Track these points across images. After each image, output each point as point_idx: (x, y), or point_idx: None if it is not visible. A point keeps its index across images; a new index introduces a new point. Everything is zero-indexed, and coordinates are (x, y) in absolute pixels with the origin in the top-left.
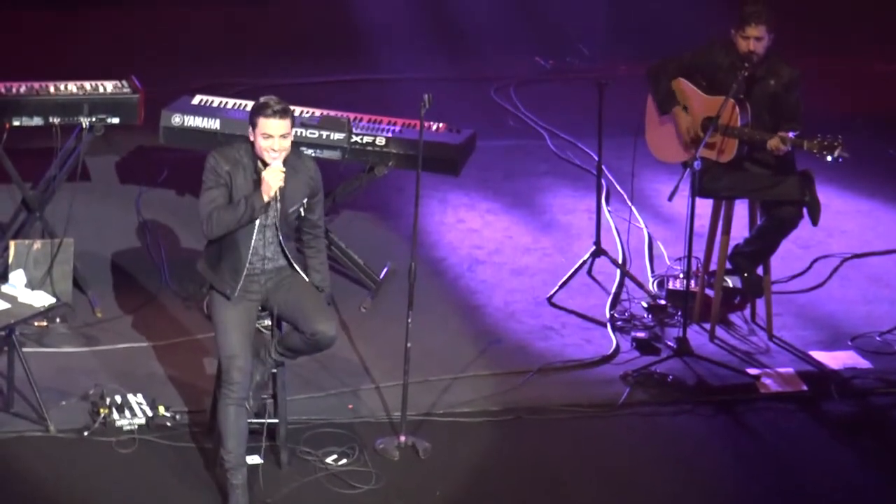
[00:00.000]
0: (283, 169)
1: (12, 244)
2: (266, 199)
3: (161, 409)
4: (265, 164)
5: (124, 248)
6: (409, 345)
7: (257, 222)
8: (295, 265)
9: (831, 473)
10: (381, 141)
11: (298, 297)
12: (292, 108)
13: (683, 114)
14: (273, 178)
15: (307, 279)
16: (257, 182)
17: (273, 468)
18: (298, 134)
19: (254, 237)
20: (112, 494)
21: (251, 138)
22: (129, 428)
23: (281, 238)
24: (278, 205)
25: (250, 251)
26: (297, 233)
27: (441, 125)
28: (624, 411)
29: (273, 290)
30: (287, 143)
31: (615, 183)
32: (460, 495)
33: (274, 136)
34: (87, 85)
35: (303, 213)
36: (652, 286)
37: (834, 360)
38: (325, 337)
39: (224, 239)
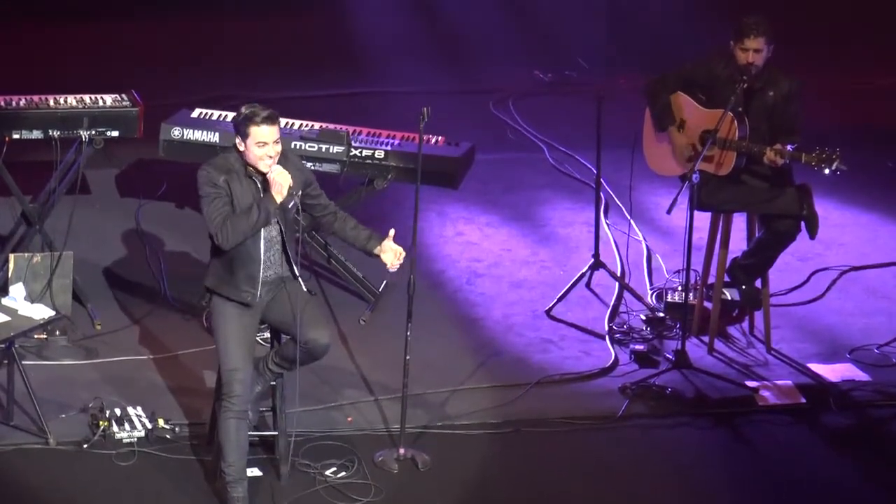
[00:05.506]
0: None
1: (12, 257)
2: (279, 199)
3: (160, 422)
4: (257, 171)
5: (124, 260)
6: (408, 357)
7: (262, 230)
8: (296, 272)
9: (830, 486)
10: (380, 154)
11: (293, 307)
12: (292, 121)
13: (678, 133)
14: (282, 178)
15: (304, 288)
16: (254, 186)
17: (273, 481)
18: (298, 147)
19: (262, 243)
20: None
21: (240, 148)
22: (128, 440)
23: (285, 238)
24: (297, 203)
25: (262, 255)
26: (295, 233)
27: (440, 138)
28: (622, 424)
29: (270, 302)
30: (280, 147)
31: (614, 196)
32: None
33: (269, 143)
34: (87, 98)
35: (300, 208)
36: (650, 299)
37: (832, 372)
38: (318, 345)
39: (232, 250)
